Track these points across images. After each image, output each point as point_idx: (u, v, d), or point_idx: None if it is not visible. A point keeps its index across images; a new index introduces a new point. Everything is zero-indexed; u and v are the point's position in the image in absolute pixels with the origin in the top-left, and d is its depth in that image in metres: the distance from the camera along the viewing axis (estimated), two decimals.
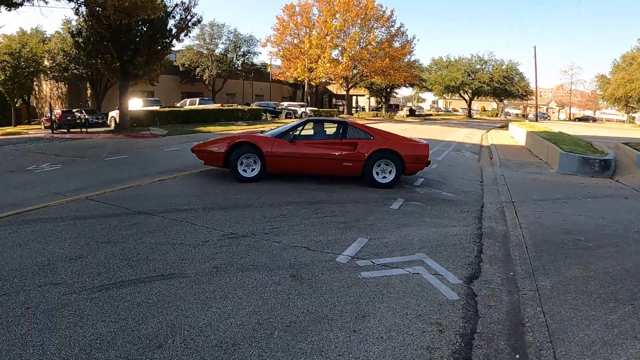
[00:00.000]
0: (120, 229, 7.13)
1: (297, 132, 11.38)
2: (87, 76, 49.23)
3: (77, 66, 47.65)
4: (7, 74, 52.25)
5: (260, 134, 12.14)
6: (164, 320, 4.32)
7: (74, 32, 33.49)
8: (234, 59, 64.99)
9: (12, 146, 24.61)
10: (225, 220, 7.69)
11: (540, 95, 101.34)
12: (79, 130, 33.49)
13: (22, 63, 52.83)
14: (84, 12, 28.07)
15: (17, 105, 57.32)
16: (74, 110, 43.92)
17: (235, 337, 4.08)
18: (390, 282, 5.33)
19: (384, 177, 11.09)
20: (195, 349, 3.88)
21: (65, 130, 34.57)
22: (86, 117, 38.28)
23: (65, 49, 47.33)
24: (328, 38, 58.35)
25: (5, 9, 21.23)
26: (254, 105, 51.97)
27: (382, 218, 8.23)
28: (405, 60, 64.42)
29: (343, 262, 5.91)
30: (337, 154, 11.07)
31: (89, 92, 53.77)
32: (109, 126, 37.34)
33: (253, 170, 11.03)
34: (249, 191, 10.04)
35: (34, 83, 58.61)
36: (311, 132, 11.85)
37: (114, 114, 36.10)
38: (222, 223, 7.52)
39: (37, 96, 63.30)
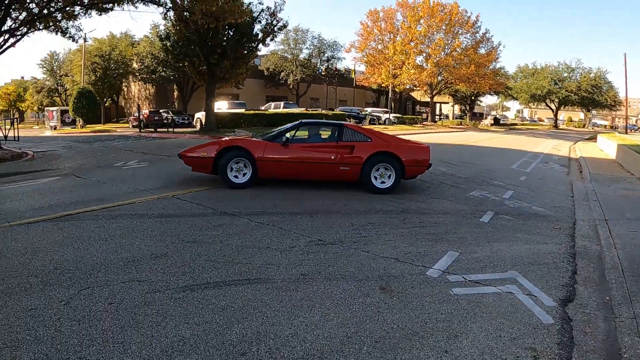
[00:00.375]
0: (206, 229, 7.14)
1: (291, 135, 10.95)
2: (174, 78, 51.09)
3: (164, 69, 49.49)
4: (98, 75, 55.34)
5: (252, 138, 11.71)
6: (249, 326, 4.19)
7: (163, 36, 34.78)
8: (318, 64, 65.51)
9: (100, 143, 25.65)
10: (312, 226, 7.55)
11: (630, 106, 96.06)
12: (166, 130, 34.63)
13: (112, 65, 55.78)
14: (172, 17, 28.96)
15: (106, 104, 60.41)
16: (161, 110, 45.62)
17: (322, 349, 3.89)
18: (482, 301, 5.02)
19: (383, 182, 10.69)
20: (281, 359, 3.72)
21: (152, 130, 35.76)
22: (172, 117, 39.52)
23: (154, 52, 49.33)
24: (412, 44, 58.06)
25: (97, 13, 22.18)
26: (337, 110, 52.13)
27: (472, 231, 7.87)
28: (491, 67, 63.20)
29: (434, 277, 5.64)
30: (333, 157, 10.60)
31: (175, 93, 55.75)
32: (194, 127, 38.36)
33: (245, 175, 10.58)
34: (334, 197, 9.89)
35: (123, 84, 61.76)
36: (306, 135, 11.50)
37: (200, 115, 37.06)
38: (309, 228, 7.39)
39: (126, 96, 66.39)
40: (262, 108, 49.09)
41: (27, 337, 4.02)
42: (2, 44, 20.18)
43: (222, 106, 41.00)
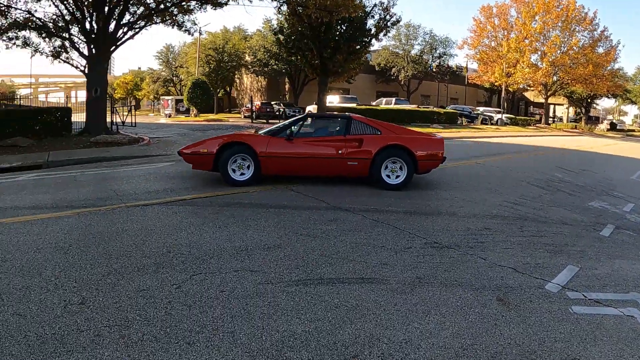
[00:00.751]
0: (320, 223, 7.06)
1: (295, 129, 10.46)
2: (286, 71, 52.30)
3: (276, 62, 50.65)
4: (212, 67, 57.87)
5: (254, 133, 11.39)
6: (362, 328, 4.01)
7: (276, 30, 35.38)
8: (430, 60, 64.63)
9: (213, 132, 26.49)
10: (428, 227, 7.28)
11: None
12: (277, 121, 35.18)
13: (225, 57, 58.03)
14: (286, 11, 29.34)
15: (219, 95, 62.79)
16: (272, 102, 46.54)
17: None
18: (603, 323, 4.56)
19: (398, 177, 10.16)
20: None
21: (264, 121, 36.68)
22: (283, 109, 40.17)
23: (266, 46, 50.76)
24: (527, 42, 55.68)
25: (212, 8, 22.84)
26: (449, 109, 51.17)
27: (593, 245, 7.28)
28: (609, 67, 59.56)
29: (553, 291, 5.21)
30: (340, 152, 10.09)
31: (287, 86, 56.95)
32: None
33: (247, 172, 10.07)
34: (447, 198, 9.54)
35: (235, 76, 63.88)
36: (311, 128, 11.04)
37: (311, 108, 37.54)
38: (424, 229, 7.12)
39: (238, 88, 68.74)
40: (373, 104, 49.09)
41: (137, 317, 4.08)
42: (121, 36, 21.32)
43: (333, 100, 41.38)
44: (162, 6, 21.25)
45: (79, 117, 23.48)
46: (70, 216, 7.96)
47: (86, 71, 21.40)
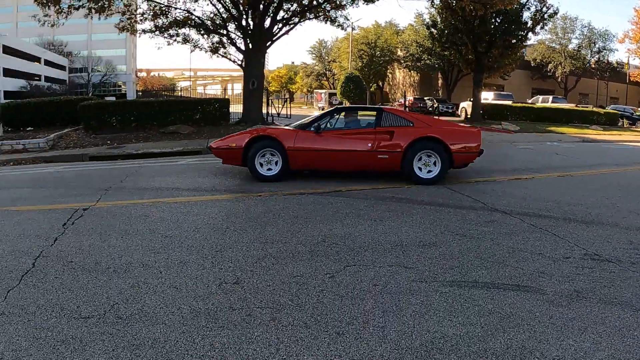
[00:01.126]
0: (477, 224, 6.83)
1: (324, 123, 10.18)
2: (439, 66, 51.51)
3: (429, 57, 50.06)
4: (364, 62, 58.60)
5: (283, 127, 11.11)
6: (514, 338, 3.80)
7: (429, 24, 35.04)
8: (588, 55, 60.47)
9: None
10: (588, 237, 6.78)
11: None
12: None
13: (377, 52, 58.58)
14: (438, 4, 28.87)
15: (371, 89, 63.31)
16: (425, 98, 46.17)
17: None
18: None
19: (430, 171, 9.70)
20: None
21: None
22: (437, 105, 39.65)
23: (418, 41, 50.40)
24: None
25: (363, 3, 23.03)
26: (609, 109, 47.77)
27: None
28: None
29: None
30: (369, 145, 9.72)
31: (439, 82, 56.24)
32: (458, 116, 38.15)
33: (275, 166, 9.96)
34: (608, 206, 8.85)
35: (388, 71, 64.05)
36: (341, 122, 10.61)
37: (465, 104, 36.82)
38: (583, 239, 6.65)
39: (390, 83, 69.11)
40: (529, 101, 47.03)
41: (288, 302, 4.18)
42: (276, 32, 22.24)
43: (487, 97, 40.29)
44: (314, 2, 21.77)
45: (235, 109, 24.75)
46: (228, 200, 8.39)
47: (243, 65, 22.47)
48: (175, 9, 22.44)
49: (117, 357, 3.42)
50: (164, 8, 22.23)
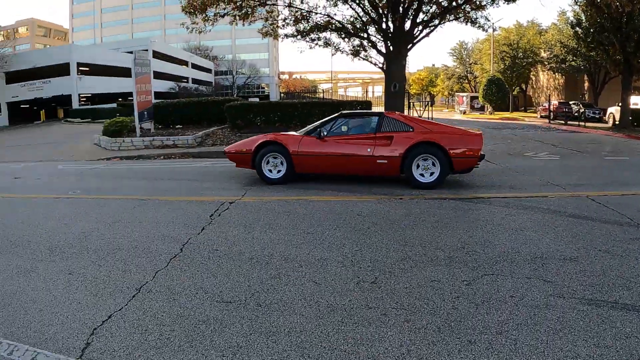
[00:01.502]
0: (622, 240, 6.47)
1: (328, 129, 10.53)
2: (585, 68, 48.56)
3: (574, 57, 47.50)
4: (506, 64, 56.79)
5: (290, 133, 11.49)
6: None
7: (573, 23, 33.37)
8: None
9: (509, 130, 26.00)
10: None
11: None
12: (576, 123, 33.38)
13: (520, 54, 56.33)
14: (582, 1, 27.43)
15: (514, 92, 61.32)
16: (570, 102, 44.08)
17: None
18: None
19: (432, 174, 9.81)
20: None
21: (562, 122, 34.95)
22: (583, 110, 37.71)
23: (562, 41, 47.82)
24: None
25: (504, 2, 22.30)
26: None
27: None
28: None
29: None
30: (369, 150, 10.00)
31: (586, 84, 53.02)
32: (605, 122, 36.04)
33: (280, 171, 10.56)
34: None
35: (531, 73, 61.54)
36: (344, 127, 10.87)
37: (613, 110, 34.60)
38: None
39: (534, 85, 66.41)
40: None
41: (424, 305, 4.30)
42: (417, 34, 22.07)
43: (638, 102, 37.53)
44: (454, 3, 21.49)
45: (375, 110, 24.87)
46: (371, 201, 8.65)
47: (384, 68, 22.66)
48: (316, 13, 23.02)
49: (254, 341, 3.75)
50: (304, 13, 22.90)
